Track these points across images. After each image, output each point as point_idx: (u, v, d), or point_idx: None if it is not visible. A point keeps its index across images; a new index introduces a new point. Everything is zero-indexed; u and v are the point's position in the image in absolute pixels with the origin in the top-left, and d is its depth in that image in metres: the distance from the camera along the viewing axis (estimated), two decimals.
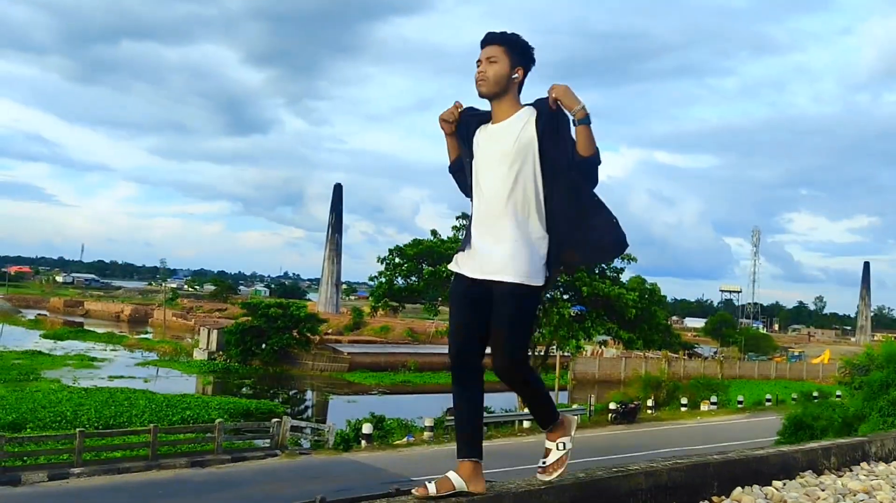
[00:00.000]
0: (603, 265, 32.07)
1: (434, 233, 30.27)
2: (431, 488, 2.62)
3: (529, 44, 2.94)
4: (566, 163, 2.78)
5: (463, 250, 2.86)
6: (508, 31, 2.93)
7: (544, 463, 2.93)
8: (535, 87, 2.93)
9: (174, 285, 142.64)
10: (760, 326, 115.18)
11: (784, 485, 4.08)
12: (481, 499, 2.71)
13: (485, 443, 2.92)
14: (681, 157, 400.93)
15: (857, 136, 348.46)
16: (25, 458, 17.64)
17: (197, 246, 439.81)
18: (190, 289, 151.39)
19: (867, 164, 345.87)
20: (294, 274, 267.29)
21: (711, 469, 3.76)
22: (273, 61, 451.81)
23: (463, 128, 2.92)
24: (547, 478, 2.94)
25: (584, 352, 36.77)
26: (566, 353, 41.65)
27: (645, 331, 31.22)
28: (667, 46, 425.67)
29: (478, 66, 2.88)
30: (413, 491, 2.63)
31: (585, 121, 2.72)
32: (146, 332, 79.57)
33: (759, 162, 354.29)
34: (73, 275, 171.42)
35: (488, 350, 2.85)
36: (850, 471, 4.62)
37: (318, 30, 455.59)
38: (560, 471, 2.96)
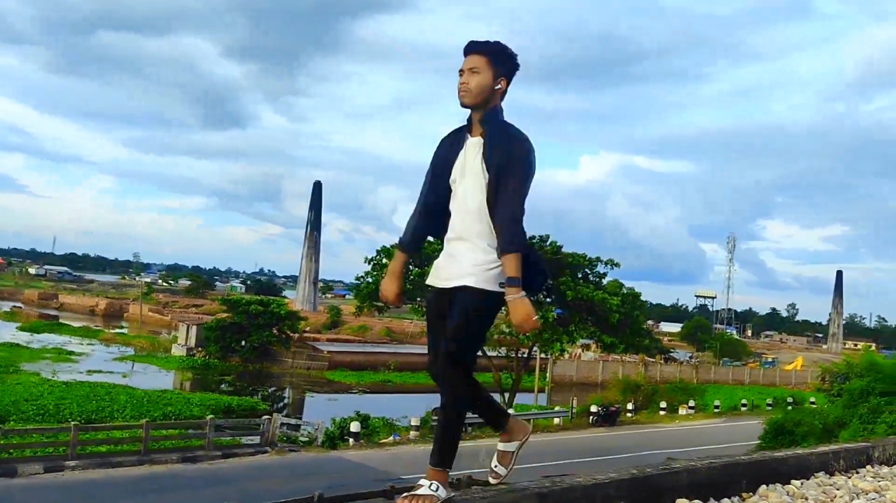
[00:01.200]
0: (586, 269, 32.61)
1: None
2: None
3: (513, 52, 2.91)
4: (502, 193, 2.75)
5: (434, 261, 2.91)
6: (491, 40, 2.89)
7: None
8: (516, 88, 2.88)
9: (148, 279, 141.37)
10: (734, 332, 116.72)
11: (802, 484, 4.43)
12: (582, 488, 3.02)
13: (463, 445, 2.87)
14: (659, 162, 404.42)
15: (832, 145, 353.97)
16: (14, 451, 17.61)
17: (172, 240, 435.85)
18: (164, 283, 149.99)
19: (842, 174, 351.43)
20: (270, 270, 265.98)
21: (740, 468, 4.11)
22: (253, 56, 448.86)
23: (442, 151, 2.93)
24: (493, 481, 2.98)
25: (566, 356, 37.12)
26: (545, 356, 42.18)
27: (627, 335, 31.75)
28: (648, 52, 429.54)
29: (460, 76, 2.86)
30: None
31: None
32: (122, 327, 78.96)
33: (735, 168, 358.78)
34: (46, 267, 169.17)
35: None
36: (857, 472, 5.00)
37: (300, 25, 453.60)
38: (506, 471, 3.00)
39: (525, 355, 33.63)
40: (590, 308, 30.33)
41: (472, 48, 2.87)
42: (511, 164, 2.74)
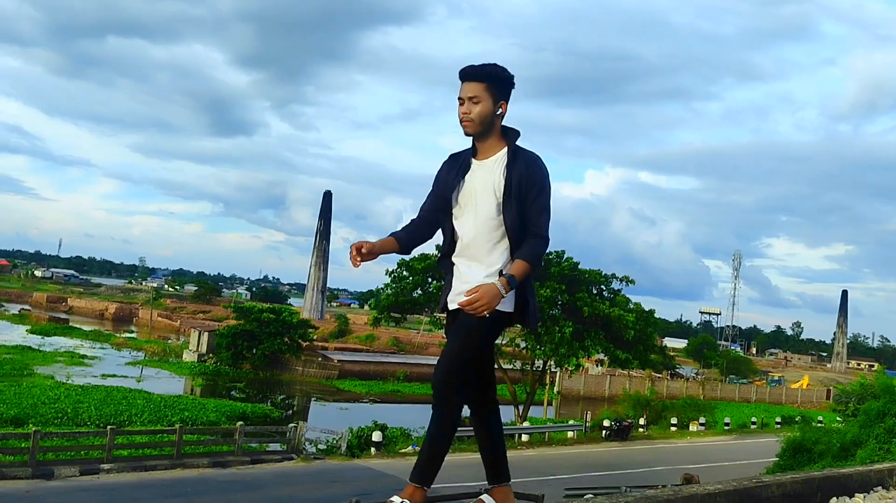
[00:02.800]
0: (602, 286, 33.05)
1: (440, 248, 30.97)
2: None
3: (509, 74, 2.88)
4: (526, 213, 2.85)
5: (446, 284, 2.98)
6: (488, 64, 2.86)
7: None
8: (522, 101, 2.66)
9: (154, 284, 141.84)
10: (738, 349, 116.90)
11: (864, 497, 4.92)
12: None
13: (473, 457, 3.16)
14: (664, 178, 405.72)
15: (836, 166, 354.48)
16: (49, 454, 18.06)
17: (176, 245, 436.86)
18: (171, 289, 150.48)
19: (846, 194, 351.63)
20: (274, 277, 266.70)
21: (816, 482, 4.60)
22: (260, 64, 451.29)
23: (443, 174, 2.98)
24: None
25: (580, 370, 37.54)
26: (554, 369, 42.55)
27: (640, 351, 32.17)
28: (654, 69, 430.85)
29: (460, 104, 2.86)
30: None
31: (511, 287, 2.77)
32: (131, 331, 79.35)
33: (739, 187, 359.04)
34: (52, 270, 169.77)
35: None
36: None
37: (308, 35, 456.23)
38: None
39: (539, 369, 34.07)
40: (605, 324, 30.75)
41: (470, 75, 2.85)
42: (533, 184, 2.82)
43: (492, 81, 2.84)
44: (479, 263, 2.86)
